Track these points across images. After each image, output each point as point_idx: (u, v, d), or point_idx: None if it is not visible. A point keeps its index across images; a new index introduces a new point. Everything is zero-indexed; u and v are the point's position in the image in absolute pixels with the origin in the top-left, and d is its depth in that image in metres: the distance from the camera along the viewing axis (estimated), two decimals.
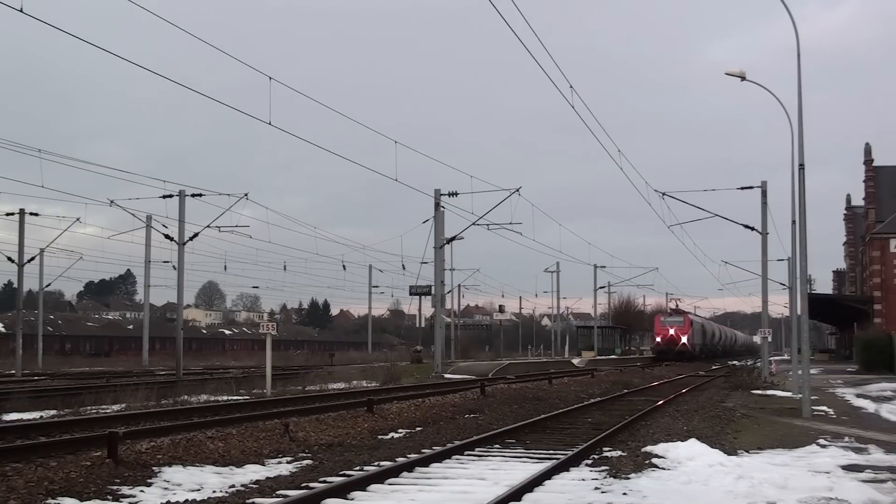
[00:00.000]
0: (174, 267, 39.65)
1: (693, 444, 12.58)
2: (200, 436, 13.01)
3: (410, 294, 51.16)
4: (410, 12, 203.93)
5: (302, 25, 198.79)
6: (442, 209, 39.23)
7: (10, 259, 43.28)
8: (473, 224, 39.73)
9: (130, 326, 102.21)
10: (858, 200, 72.74)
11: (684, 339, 70.81)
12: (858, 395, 26.07)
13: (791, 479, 10.32)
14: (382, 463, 11.54)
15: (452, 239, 41.90)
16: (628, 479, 10.41)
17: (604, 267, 78.46)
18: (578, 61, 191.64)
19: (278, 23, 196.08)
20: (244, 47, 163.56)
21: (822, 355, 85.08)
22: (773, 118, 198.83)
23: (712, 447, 12.54)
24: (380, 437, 14.81)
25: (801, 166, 20.26)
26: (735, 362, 72.70)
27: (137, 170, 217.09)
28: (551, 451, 12.95)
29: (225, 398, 23.22)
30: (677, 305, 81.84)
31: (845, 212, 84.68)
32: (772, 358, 42.69)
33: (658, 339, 72.60)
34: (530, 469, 11.08)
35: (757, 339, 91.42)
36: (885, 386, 30.23)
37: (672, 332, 71.13)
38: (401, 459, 11.69)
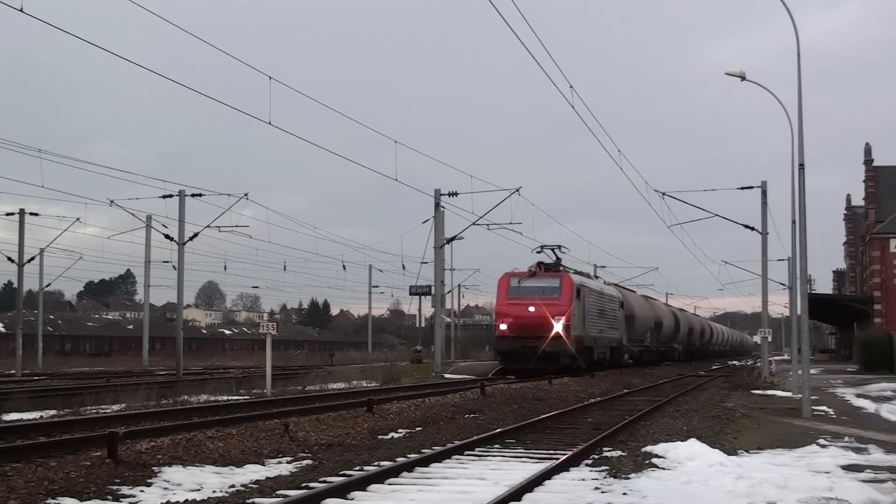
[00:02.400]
0: (174, 267, 39.68)
1: (693, 444, 12.58)
2: (200, 436, 13.00)
3: (410, 294, 51.15)
4: (410, 12, 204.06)
5: (301, 25, 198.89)
6: (442, 209, 39.21)
7: (10, 259, 43.27)
8: (473, 224, 39.72)
9: (130, 326, 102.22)
10: (858, 200, 72.65)
11: (558, 327, 34.42)
12: (858, 395, 26.06)
13: (791, 479, 10.32)
14: (382, 463, 11.54)
15: (452, 239, 41.87)
16: (628, 479, 10.41)
17: (604, 267, 77.20)
18: (579, 61, 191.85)
19: (278, 23, 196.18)
20: (244, 47, 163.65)
21: (822, 355, 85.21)
22: (773, 118, 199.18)
23: (712, 447, 12.53)
24: (380, 437, 14.80)
25: (801, 166, 20.25)
26: (735, 362, 71.80)
27: (139, 170, 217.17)
28: (551, 451, 12.95)
29: (225, 398, 23.21)
30: (557, 259, 38.60)
31: (845, 212, 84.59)
32: (772, 358, 42.66)
33: (503, 327, 35.41)
34: (530, 469, 11.08)
35: (757, 338, 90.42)
36: (885, 386, 30.22)
37: (532, 309, 34.78)
38: (401, 459, 11.69)
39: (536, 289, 35.30)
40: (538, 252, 38.68)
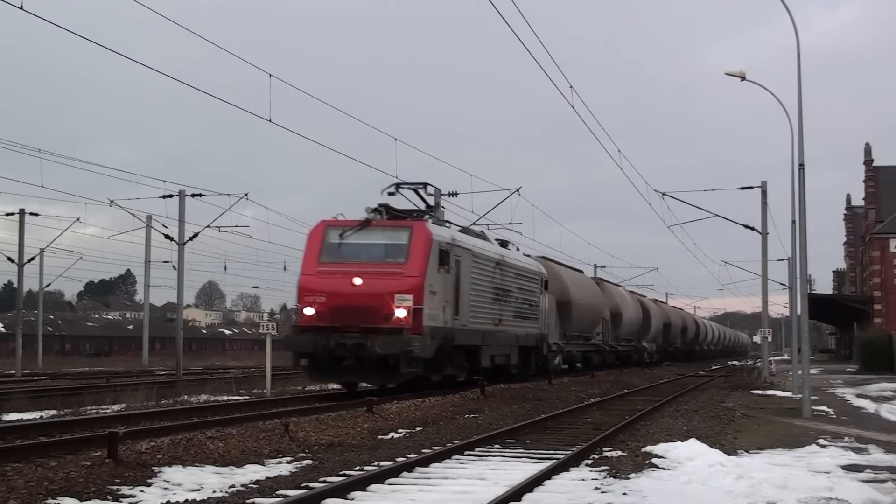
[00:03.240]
0: (174, 267, 39.62)
1: (693, 444, 12.58)
2: (200, 436, 13.00)
3: None
4: (411, 11, 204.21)
5: (302, 24, 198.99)
6: (442, 209, 39.18)
7: (10, 259, 43.27)
8: (473, 224, 39.67)
9: (130, 326, 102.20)
10: (858, 200, 72.69)
11: (400, 313, 20.59)
12: (858, 395, 26.07)
13: (791, 479, 10.32)
14: (382, 463, 11.53)
15: None
16: (628, 479, 10.41)
17: (604, 267, 76.47)
18: (579, 61, 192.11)
19: (277, 22, 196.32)
20: (244, 46, 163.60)
21: (822, 355, 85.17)
22: (773, 118, 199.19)
23: (712, 447, 12.54)
24: (380, 437, 14.80)
25: (801, 166, 20.27)
26: (735, 363, 71.25)
27: (139, 170, 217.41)
28: (551, 451, 12.95)
29: (225, 398, 23.20)
30: (428, 207, 25.74)
31: (845, 212, 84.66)
32: (772, 358, 42.62)
33: (308, 312, 21.07)
34: (530, 469, 11.08)
35: (757, 338, 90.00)
36: (885, 386, 30.22)
37: (358, 282, 20.97)
38: (401, 459, 11.69)
39: (369, 248, 21.70)
40: (390, 194, 24.34)
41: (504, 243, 30.53)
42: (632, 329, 49.71)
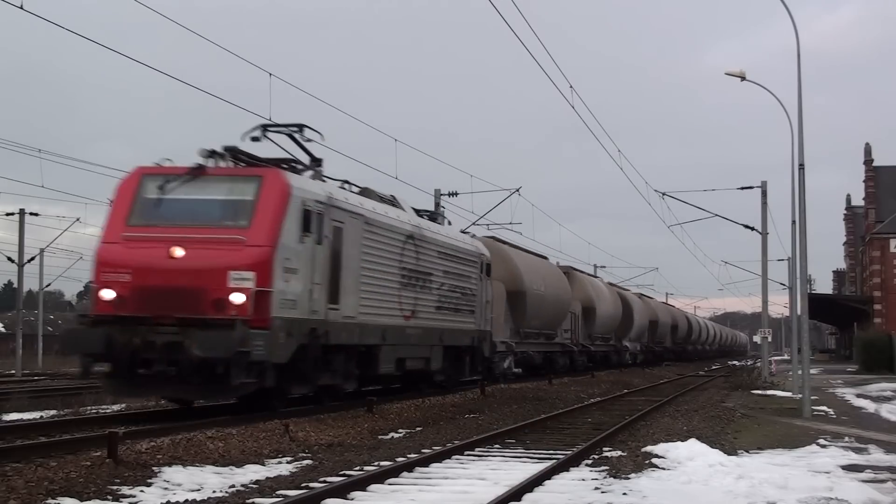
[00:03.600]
0: None
1: (693, 444, 12.59)
2: (200, 436, 12.99)
3: None
4: (412, 12, 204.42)
5: (304, 24, 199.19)
6: (442, 209, 39.22)
7: (10, 259, 43.31)
8: (473, 224, 39.67)
9: None
10: (858, 200, 72.69)
11: (237, 298, 14.27)
12: (858, 395, 26.07)
13: (791, 478, 10.33)
14: (382, 463, 11.54)
15: None
16: (628, 479, 10.42)
17: (604, 267, 76.13)
18: (580, 62, 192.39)
19: (278, 25, 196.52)
20: (245, 49, 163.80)
21: (822, 355, 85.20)
22: (773, 119, 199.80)
23: (712, 447, 12.54)
24: (380, 437, 14.80)
25: (801, 166, 20.29)
26: (735, 363, 71.14)
27: None
28: (551, 451, 12.96)
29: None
30: (314, 161, 17.75)
31: (845, 212, 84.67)
32: (772, 358, 42.61)
33: (106, 295, 14.66)
34: (530, 469, 11.09)
35: (757, 338, 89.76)
36: (885, 386, 30.22)
37: (179, 253, 14.53)
38: (401, 459, 11.70)
39: (199, 206, 15.43)
40: (254, 139, 17.53)
41: (434, 216, 25.02)
42: (609, 326, 43.95)
